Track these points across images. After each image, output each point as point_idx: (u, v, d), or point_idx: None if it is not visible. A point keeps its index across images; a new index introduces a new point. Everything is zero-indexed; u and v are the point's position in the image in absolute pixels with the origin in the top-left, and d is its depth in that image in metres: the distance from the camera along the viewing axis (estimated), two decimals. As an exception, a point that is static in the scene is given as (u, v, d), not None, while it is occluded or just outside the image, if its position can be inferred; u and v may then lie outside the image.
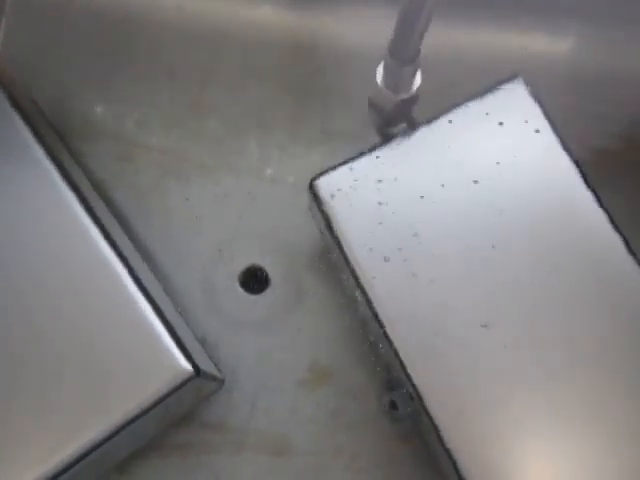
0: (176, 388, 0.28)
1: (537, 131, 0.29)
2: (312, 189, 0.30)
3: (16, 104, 0.32)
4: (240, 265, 0.38)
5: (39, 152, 0.31)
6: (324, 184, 0.30)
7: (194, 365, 0.29)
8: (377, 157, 0.30)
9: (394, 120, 0.30)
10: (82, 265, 0.29)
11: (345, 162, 0.30)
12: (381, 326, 0.29)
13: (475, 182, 0.29)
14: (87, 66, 0.40)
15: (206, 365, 0.31)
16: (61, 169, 0.31)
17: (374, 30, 0.39)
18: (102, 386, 0.28)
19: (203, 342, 0.36)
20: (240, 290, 0.38)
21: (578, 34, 0.40)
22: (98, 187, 0.37)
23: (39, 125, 0.32)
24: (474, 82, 0.31)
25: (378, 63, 0.29)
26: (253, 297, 0.38)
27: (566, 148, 0.29)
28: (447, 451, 0.27)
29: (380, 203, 0.30)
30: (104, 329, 0.29)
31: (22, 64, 0.38)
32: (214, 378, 0.32)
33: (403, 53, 0.24)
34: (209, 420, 0.36)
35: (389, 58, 0.25)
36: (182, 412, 0.34)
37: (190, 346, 0.30)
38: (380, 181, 0.30)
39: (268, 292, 0.38)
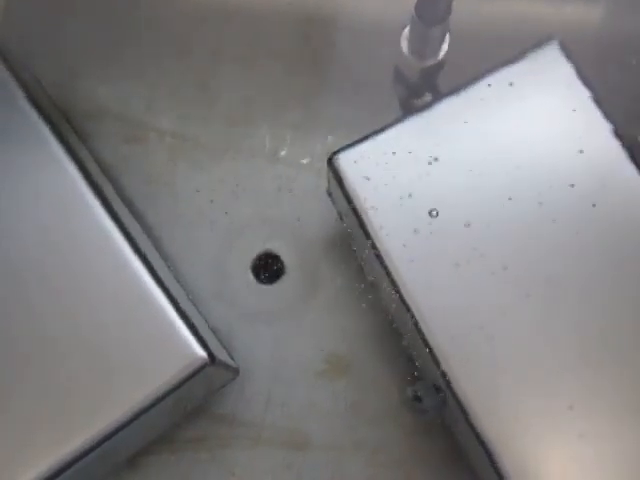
0: (190, 376, 0.27)
1: (573, 95, 0.28)
2: (332, 165, 0.29)
3: (21, 84, 0.31)
4: (253, 252, 0.37)
5: (46, 133, 0.30)
6: (344, 159, 0.29)
7: (208, 352, 0.28)
8: (400, 130, 0.29)
9: (419, 91, 0.28)
10: (91, 249, 0.29)
11: (367, 136, 0.29)
12: (407, 309, 0.28)
13: (506, 153, 0.28)
14: (92, 44, 0.40)
15: (220, 353, 0.30)
16: (69, 151, 0.30)
17: (390, 5, 0.38)
18: (113, 374, 0.27)
19: (215, 333, 0.35)
20: (253, 279, 0.37)
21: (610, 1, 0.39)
22: (105, 171, 0.36)
23: (45, 106, 0.31)
24: (504, 51, 0.29)
25: (395, 40, 0.28)
26: (267, 286, 0.37)
27: (603, 111, 0.28)
28: (482, 443, 0.26)
29: (404, 178, 0.28)
30: (114, 316, 0.28)
31: (24, 42, 0.37)
32: (228, 367, 0.31)
33: (431, 12, 0.23)
34: (223, 413, 0.35)
35: (416, 18, 0.24)
36: (195, 403, 0.33)
37: (204, 333, 0.29)
38: (404, 155, 0.28)
39: (283, 280, 0.37)
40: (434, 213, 0.28)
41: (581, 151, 0.28)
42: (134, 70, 0.39)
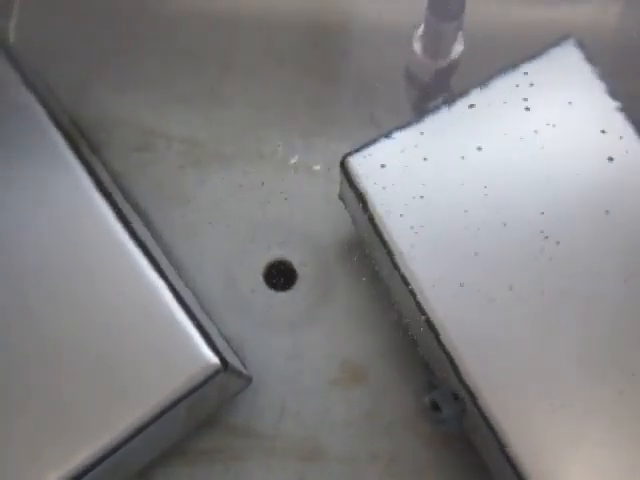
0: (202, 383, 0.27)
1: (591, 94, 0.28)
2: (344, 167, 0.29)
3: (35, 94, 0.31)
4: (265, 259, 0.37)
5: (59, 142, 0.31)
6: (357, 162, 0.29)
7: (221, 358, 0.27)
8: (414, 132, 0.29)
9: (432, 92, 0.28)
10: (103, 257, 0.29)
11: (378, 138, 0.29)
12: (423, 313, 0.27)
13: (523, 154, 0.27)
14: (103, 52, 0.40)
15: (233, 360, 0.30)
16: (81, 159, 0.30)
17: (400, 10, 0.38)
18: (124, 382, 0.27)
19: (227, 341, 0.34)
20: (265, 286, 0.37)
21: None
22: (115, 179, 0.36)
23: (58, 115, 0.32)
24: (517, 53, 0.29)
25: (406, 44, 0.28)
26: (279, 293, 0.37)
27: (622, 108, 0.27)
28: (505, 453, 0.25)
29: (416, 180, 0.28)
30: (125, 322, 0.28)
31: (36, 53, 0.37)
32: (241, 374, 0.31)
33: (445, 7, 0.22)
34: (236, 424, 0.35)
35: (429, 15, 0.23)
36: (208, 412, 0.33)
37: (216, 340, 0.29)
38: (416, 157, 0.28)
39: (295, 287, 0.37)
40: (452, 216, 0.28)
41: (602, 156, 0.27)
42: (144, 78, 0.39)
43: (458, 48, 0.26)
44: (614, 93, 0.28)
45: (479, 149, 0.28)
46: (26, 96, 0.31)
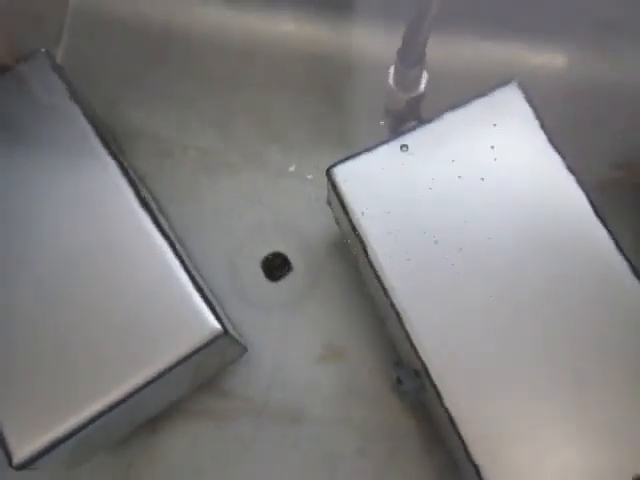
0: (206, 344, 0.30)
1: (529, 132, 0.30)
2: (329, 176, 0.32)
3: (84, 111, 0.35)
4: (263, 252, 0.41)
5: (98, 146, 0.34)
6: (340, 171, 0.32)
7: (223, 325, 0.30)
8: (389, 148, 0.32)
9: (405, 118, 0.33)
10: (131, 239, 0.32)
11: (359, 153, 0.32)
12: (387, 296, 0.30)
13: (470, 172, 0.31)
14: (133, 73, 0.44)
15: (232, 330, 0.33)
16: (116, 160, 0.34)
17: (380, 43, 0.43)
18: (141, 341, 0.30)
19: (228, 317, 0.37)
20: (262, 275, 0.40)
21: (574, 49, 0.42)
22: (140, 179, 0.40)
23: (97, 123, 0.35)
24: (477, 87, 0.32)
25: (384, 70, 0.31)
26: (275, 282, 0.40)
27: (557, 149, 0.30)
28: (451, 420, 0.28)
29: (390, 189, 0.31)
30: (145, 292, 0.31)
31: (78, 71, 0.40)
32: (238, 343, 0.34)
33: (410, 58, 0.28)
34: (230, 389, 0.38)
35: (398, 63, 0.28)
36: (207, 375, 0.36)
37: (219, 311, 0.32)
38: (390, 169, 0.31)
39: (289, 277, 0.40)
40: (415, 219, 0.31)
41: (537, 187, 0.30)
42: (167, 96, 0.43)
43: (423, 83, 0.31)
44: (550, 132, 0.30)
45: (437, 168, 0.31)
46: (77, 114, 0.34)
